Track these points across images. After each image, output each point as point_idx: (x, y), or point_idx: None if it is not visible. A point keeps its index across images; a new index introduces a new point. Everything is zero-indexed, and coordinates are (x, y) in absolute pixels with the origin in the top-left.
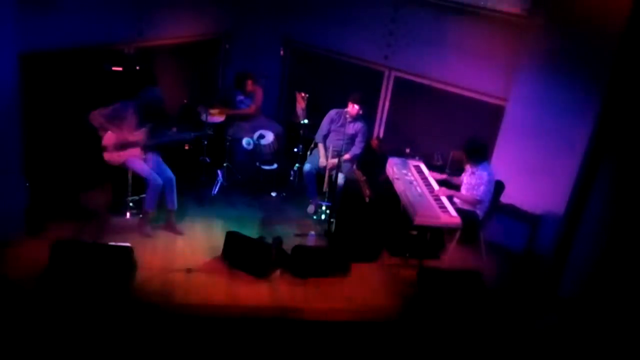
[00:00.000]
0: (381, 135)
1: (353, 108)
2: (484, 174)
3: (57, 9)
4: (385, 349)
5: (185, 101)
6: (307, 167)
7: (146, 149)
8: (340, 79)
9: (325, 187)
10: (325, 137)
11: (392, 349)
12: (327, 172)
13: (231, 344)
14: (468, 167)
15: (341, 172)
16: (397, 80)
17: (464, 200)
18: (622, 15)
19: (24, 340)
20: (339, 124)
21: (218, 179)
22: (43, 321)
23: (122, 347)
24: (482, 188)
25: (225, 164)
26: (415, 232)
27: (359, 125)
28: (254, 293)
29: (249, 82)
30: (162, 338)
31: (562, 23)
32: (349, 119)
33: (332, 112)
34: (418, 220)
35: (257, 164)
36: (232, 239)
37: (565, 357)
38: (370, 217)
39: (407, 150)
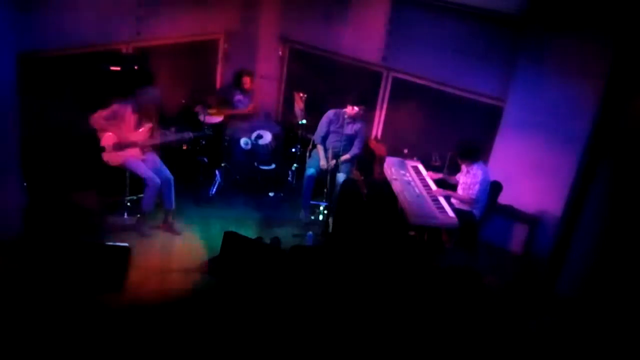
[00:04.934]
0: (379, 135)
1: (353, 110)
2: (479, 173)
3: (55, 8)
4: (381, 349)
5: (183, 101)
6: (310, 171)
7: (145, 149)
8: (339, 79)
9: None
10: (324, 138)
11: (390, 349)
12: (328, 173)
13: (229, 344)
14: (463, 167)
15: (339, 172)
16: (396, 81)
17: (461, 200)
18: (620, 16)
19: (22, 340)
20: (338, 124)
21: (216, 179)
22: (41, 321)
23: (119, 347)
24: (477, 187)
25: (223, 164)
26: (413, 233)
27: (358, 125)
28: (251, 293)
29: (247, 80)
30: (159, 339)
31: (560, 24)
32: (347, 120)
33: (330, 113)
34: (416, 221)
35: (255, 164)
36: (230, 239)
37: (563, 356)
38: (368, 217)
39: (405, 151)
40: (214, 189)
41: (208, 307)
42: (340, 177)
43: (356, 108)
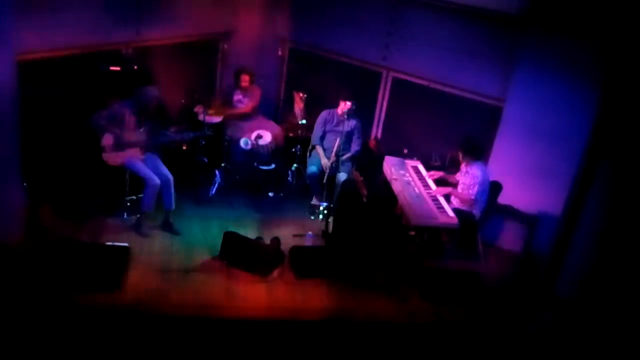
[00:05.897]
0: (379, 135)
1: (346, 105)
2: (478, 174)
3: (55, 9)
4: (381, 350)
5: (183, 101)
6: (311, 169)
7: (145, 149)
8: (339, 79)
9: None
10: (322, 138)
11: (389, 349)
12: (326, 175)
13: (229, 345)
14: (463, 167)
15: (340, 172)
16: (395, 81)
17: (460, 199)
18: (619, 16)
19: (21, 339)
20: (334, 123)
21: (216, 179)
22: (41, 321)
23: (119, 347)
24: (476, 187)
25: (223, 164)
26: (413, 233)
27: (353, 122)
28: (251, 293)
29: (245, 77)
30: (158, 339)
31: (560, 24)
32: (344, 117)
33: (324, 113)
34: (416, 221)
35: (255, 164)
36: (230, 239)
37: (561, 357)
38: (368, 218)
39: (405, 151)
40: (214, 189)
41: (207, 308)
42: (341, 177)
43: (348, 103)
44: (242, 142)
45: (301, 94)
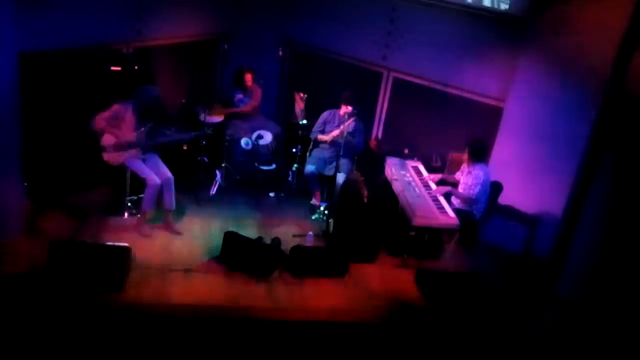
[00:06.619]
0: (380, 136)
1: (347, 108)
2: (480, 174)
3: (56, 8)
4: (381, 351)
5: (184, 101)
6: (309, 168)
7: (145, 149)
8: (339, 79)
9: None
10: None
11: (388, 350)
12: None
13: (229, 344)
14: (464, 167)
15: (340, 172)
16: (396, 81)
17: (461, 198)
18: (620, 17)
19: (21, 339)
20: (335, 124)
21: (216, 179)
22: (40, 321)
23: (119, 347)
24: (478, 188)
25: (223, 164)
26: (413, 233)
27: (354, 124)
28: (252, 293)
29: (248, 77)
30: (159, 339)
31: (560, 24)
32: (345, 119)
33: (325, 114)
34: (416, 221)
35: (256, 164)
36: (231, 240)
37: (562, 358)
38: (369, 218)
39: (406, 151)
40: (214, 189)
41: (208, 308)
42: (340, 177)
43: (349, 107)
44: (242, 142)
45: (301, 94)
